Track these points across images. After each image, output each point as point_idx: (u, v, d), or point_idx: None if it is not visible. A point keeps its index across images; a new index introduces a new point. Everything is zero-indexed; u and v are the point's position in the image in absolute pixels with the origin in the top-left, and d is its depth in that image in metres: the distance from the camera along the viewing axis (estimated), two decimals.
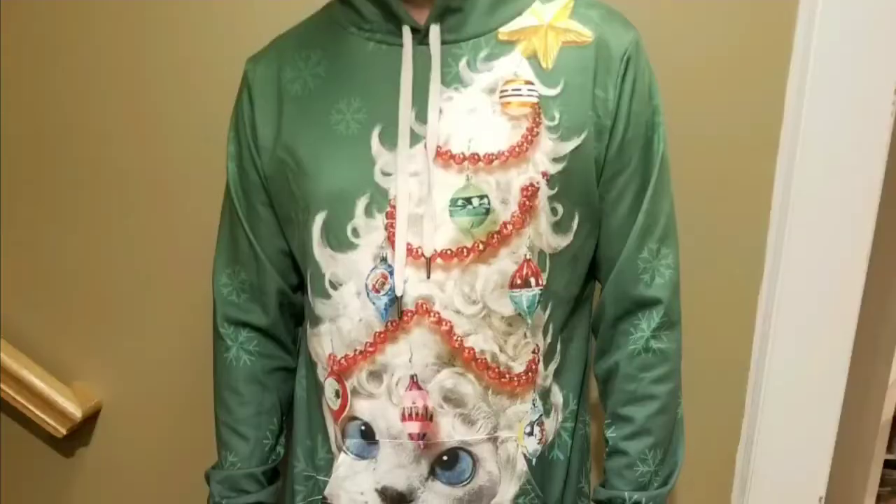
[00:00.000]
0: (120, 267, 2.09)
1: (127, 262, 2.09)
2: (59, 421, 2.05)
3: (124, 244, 2.08)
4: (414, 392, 1.49)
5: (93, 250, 2.09)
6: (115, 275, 2.10)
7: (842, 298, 2.02)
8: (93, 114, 2.04)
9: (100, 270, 2.10)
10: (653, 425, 1.57)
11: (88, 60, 2.02)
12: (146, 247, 2.08)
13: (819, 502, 2.12)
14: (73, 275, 2.10)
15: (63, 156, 2.05)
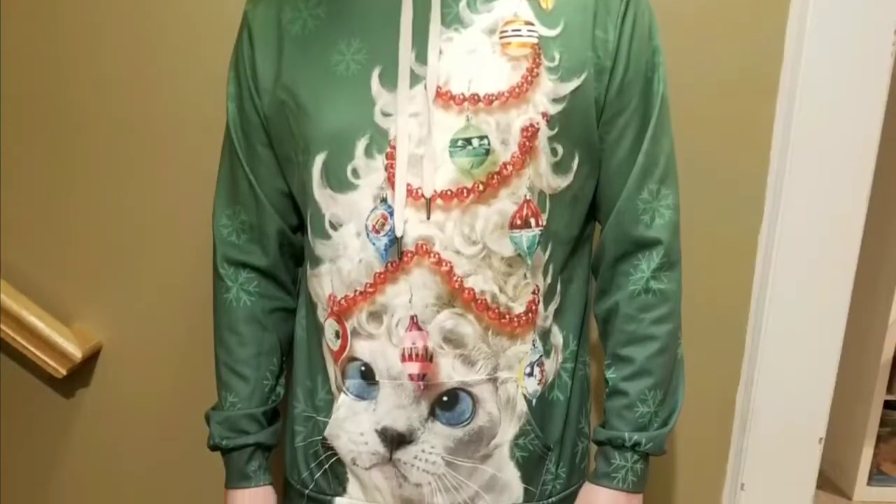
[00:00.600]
0: (120, 207, 2.09)
1: (127, 203, 2.08)
2: (59, 361, 2.05)
3: (124, 185, 2.07)
4: (414, 333, 1.49)
5: (93, 191, 2.08)
6: (115, 216, 2.09)
7: (842, 239, 2.02)
8: (93, 56, 2.02)
9: (100, 211, 2.09)
10: (653, 366, 1.57)
11: (88, 2, 2.00)
12: (146, 187, 2.07)
13: (819, 443, 2.12)
14: (74, 216, 2.09)
15: (63, 98, 2.04)
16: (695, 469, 2.20)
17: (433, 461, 1.55)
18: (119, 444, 2.21)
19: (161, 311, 2.13)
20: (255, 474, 1.73)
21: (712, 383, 2.12)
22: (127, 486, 2.24)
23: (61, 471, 2.23)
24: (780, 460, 2.14)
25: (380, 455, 1.55)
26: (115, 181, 2.07)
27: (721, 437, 2.17)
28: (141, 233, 2.10)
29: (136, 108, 2.04)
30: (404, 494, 1.58)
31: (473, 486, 1.59)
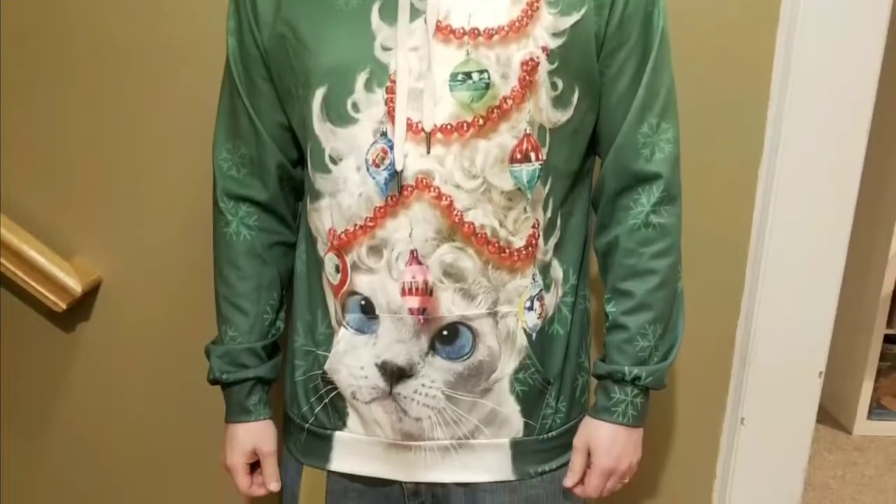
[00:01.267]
0: (120, 141, 2.08)
1: (127, 137, 2.07)
2: (59, 295, 2.06)
3: (124, 119, 2.06)
4: (414, 267, 1.49)
5: (93, 125, 2.07)
6: (115, 149, 2.08)
7: (842, 172, 2.02)
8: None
9: (100, 145, 2.08)
10: (653, 300, 1.58)
11: None
12: (146, 121, 2.06)
13: (819, 377, 2.13)
14: (74, 149, 2.08)
15: (62, 31, 2.02)
16: (694, 403, 2.21)
17: (433, 395, 1.56)
18: (119, 378, 2.22)
19: (161, 246, 2.12)
20: (255, 408, 1.74)
21: (712, 317, 2.12)
22: (126, 420, 2.26)
23: (61, 405, 2.24)
24: (780, 394, 2.15)
25: (380, 389, 1.56)
26: (116, 116, 2.06)
27: (721, 371, 2.18)
28: (141, 167, 2.09)
29: (137, 41, 2.02)
30: (404, 428, 1.59)
31: (473, 419, 1.60)
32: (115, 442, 2.27)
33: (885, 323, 4.66)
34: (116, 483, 2.31)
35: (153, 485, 2.31)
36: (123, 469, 2.30)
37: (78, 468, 2.30)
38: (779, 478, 2.23)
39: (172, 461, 2.29)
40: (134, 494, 2.32)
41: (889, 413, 4.87)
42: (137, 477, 2.31)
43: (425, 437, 1.60)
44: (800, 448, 2.20)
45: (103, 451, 2.28)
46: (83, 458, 2.29)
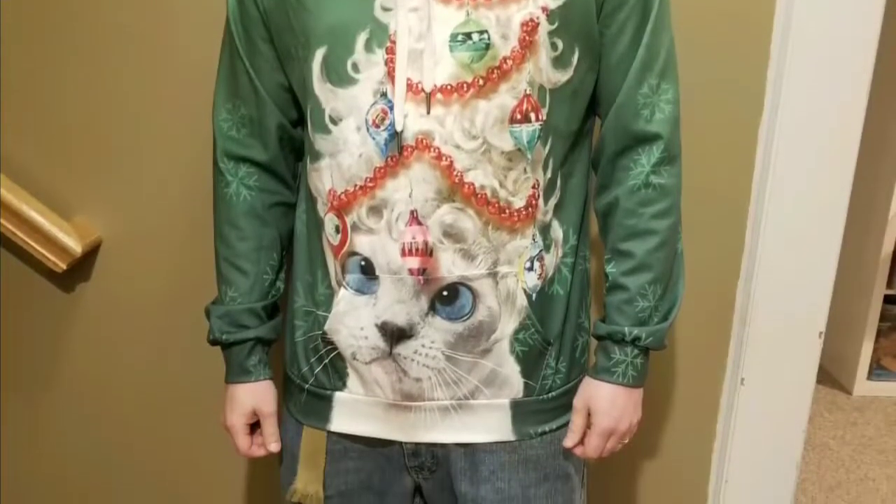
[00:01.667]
0: (120, 101, 2.07)
1: (127, 97, 2.07)
2: (59, 256, 2.05)
3: (125, 77, 2.06)
4: (414, 227, 1.49)
5: (93, 86, 2.06)
6: (116, 109, 2.08)
7: (842, 134, 2.02)
8: None
9: (100, 104, 2.08)
10: (653, 260, 1.58)
11: None
12: (147, 80, 2.06)
13: (819, 337, 2.13)
14: (74, 109, 2.08)
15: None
16: (694, 364, 2.21)
17: (433, 356, 1.56)
18: (119, 338, 2.22)
19: (161, 206, 2.12)
20: (254, 369, 1.74)
21: (712, 278, 2.12)
22: (126, 381, 2.26)
23: (62, 365, 2.25)
24: (780, 355, 2.15)
25: (380, 350, 1.56)
26: (115, 75, 2.06)
27: (721, 331, 2.18)
28: (141, 127, 2.09)
29: (137, 2, 2.02)
30: (404, 389, 1.59)
31: (473, 380, 1.60)
32: (115, 402, 2.28)
33: (885, 283, 4.66)
34: (116, 443, 2.32)
35: (153, 445, 2.32)
36: (123, 429, 2.31)
37: (78, 428, 2.31)
38: (778, 438, 2.24)
39: (172, 421, 2.30)
40: (134, 454, 2.33)
41: (889, 373, 4.88)
42: (137, 437, 2.32)
43: (425, 398, 1.60)
44: (800, 408, 2.21)
45: (103, 410, 2.29)
46: (83, 417, 2.30)
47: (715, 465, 2.31)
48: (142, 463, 2.34)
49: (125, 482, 2.35)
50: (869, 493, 3.92)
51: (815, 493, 3.89)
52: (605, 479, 2.21)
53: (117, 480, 2.36)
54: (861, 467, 4.13)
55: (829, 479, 4.02)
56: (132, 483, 2.36)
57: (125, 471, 2.34)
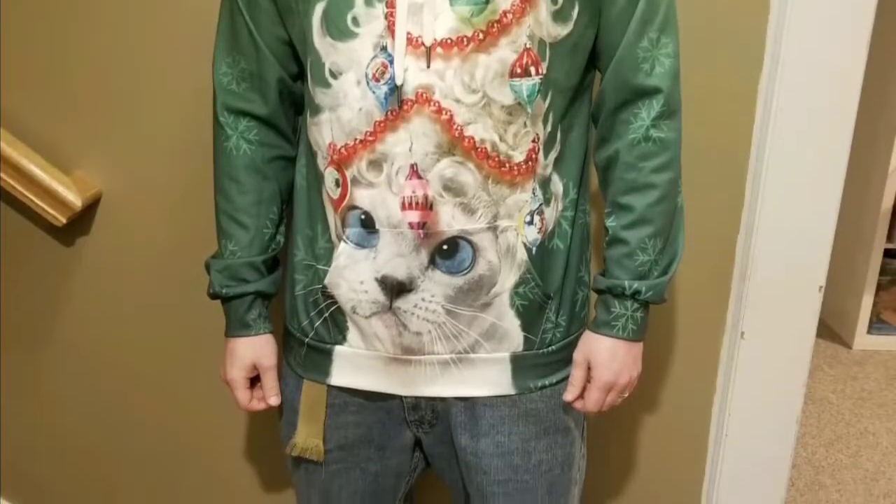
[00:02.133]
0: (120, 54, 2.06)
1: (127, 49, 2.06)
2: (59, 210, 2.06)
3: (124, 31, 2.05)
4: (414, 181, 1.48)
5: (93, 37, 2.06)
6: (116, 62, 2.07)
7: (842, 87, 2.01)
8: None
9: (100, 57, 2.07)
10: (653, 214, 1.58)
11: None
12: (146, 34, 2.05)
13: (819, 291, 2.13)
14: (73, 62, 2.07)
15: None
16: (694, 318, 2.21)
17: (433, 309, 1.56)
18: (119, 292, 2.23)
19: (161, 160, 2.12)
20: (254, 322, 1.75)
21: (712, 232, 2.12)
22: (126, 335, 2.27)
23: (61, 319, 2.25)
24: (780, 309, 2.15)
25: (380, 303, 1.56)
26: (116, 30, 2.05)
27: (721, 285, 2.18)
28: (141, 81, 2.08)
29: None
30: (404, 343, 1.60)
31: (473, 334, 1.61)
32: (115, 356, 2.29)
33: (885, 237, 4.67)
34: (116, 396, 2.33)
35: (153, 399, 2.33)
36: (123, 383, 2.32)
37: (78, 381, 2.32)
38: (779, 392, 2.24)
39: (172, 375, 2.30)
40: (133, 408, 2.34)
41: (889, 327, 4.89)
42: (137, 391, 2.33)
43: (425, 352, 1.61)
44: (800, 362, 2.21)
45: (103, 364, 2.30)
46: (83, 371, 2.31)
47: (715, 418, 2.31)
48: (141, 417, 2.35)
49: (125, 436, 2.37)
50: (869, 446, 3.94)
51: (815, 447, 3.91)
52: (604, 433, 2.22)
53: (117, 434, 2.37)
54: (861, 421, 4.15)
55: (828, 433, 4.04)
56: (132, 437, 2.37)
57: (125, 424, 2.36)
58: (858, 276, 4.78)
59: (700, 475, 2.38)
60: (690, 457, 2.37)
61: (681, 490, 2.41)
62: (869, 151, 4.50)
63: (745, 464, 2.30)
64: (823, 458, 3.83)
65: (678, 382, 2.28)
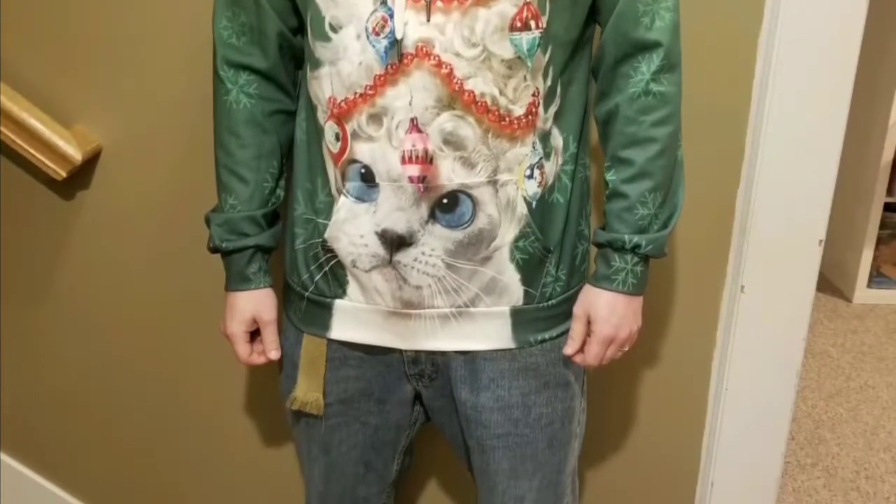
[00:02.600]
0: (120, 8, 2.05)
1: (127, 4, 2.05)
2: (59, 164, 2.05)
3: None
4: (414, 135, 1.48)
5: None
6: (116, 16, 2.06)
7: (842, 41, 2.00)
8: None
9: (100, 11, 2.06)
10: (653, 168, 1.58)
11: None
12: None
13: (819, 245, 2.13)
14: (74, 16, 2.06)
15: None
16: (694, 271, 2.21)
17: (433, 263, 1.56)
18: (118, 246, 2.22)
19: (161, 114, 2.11)
20: (254, 276, 1.75)
21: (712, 186, 2.11)
22: (126, 289, 2.27)
23: (61, 273, 2.25)
24: (780, 263, 2.15)
25: (380, 257, 1.57)
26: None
27: (721, 239, 2.18)
28: (141, 35, 2.07)
29: None
30: (404, 297, 1.60)
31: (473, 288, 1.61)
32: (115, 310, 2.29)
33: (885, 191, 4.67)
34: (116, 351, 2.34)
35: (152, 353, 2.34)
36: (123, 337, 2.32)
37: (77, 336, 2.32)
38: (779, 346, 2.25)
39: (172, 329, 2.31)
40: (133, 362, 2.35)
41: (889, 281, 4.90)
42: (137, 345, 2.33)
43: (425, 306, 1.61)
44: (800, 316, 2.21)
45: (103, 318, 2.30)
46: (83, 325, 2.31)
47: (715, 372, 2.32)
48: (141, 371, 2.36)
49: (125, 390, 2.38)
50: (869, 400, 3.95)
51: (816, 401, 3.93)
52: (604, 387, 2.23)
53: (117, 388, 2.38)
54: (861, 375, 4.17)
55: (828, 387, 4.06)
56: (131, 391, 2.38)
57: (124, 379, 2.36)
58: (858, 230, 4.78)
59: (700, 429, 2.39)
60: (690, 411, 2.38)
61: (681, 444, 2.42)
62: (869, 105, 4.50)
63: (745, 417, 2.31)
64: (823, 412, 3.84)
65: (678, 336, 2.28)
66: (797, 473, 3.39)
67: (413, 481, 2.39)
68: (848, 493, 3.29)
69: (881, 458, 3.52)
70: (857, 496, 3.27)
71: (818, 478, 3.38)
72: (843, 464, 3.48)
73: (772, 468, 2.39)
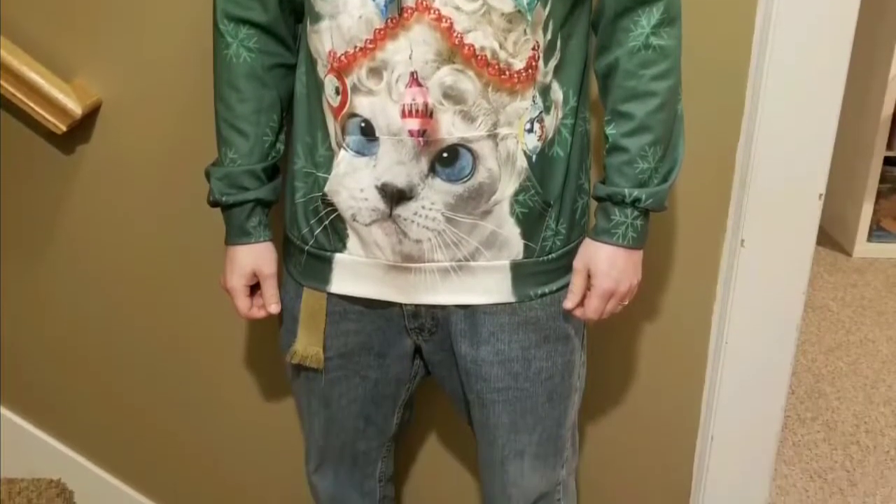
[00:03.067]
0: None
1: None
2: (59, 118, 2.05)
3: None
4: (414, 89, 1.48)
5: None
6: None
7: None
8: None
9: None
10: (653, 122, 1.58)
11: None
12: None
13: (819, 199, 2.13)
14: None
15: None
16: (694, 225, 2.21)
17: (433, 217, 1.57)
18: (119, 200, 2.22)
19: (161, 68, 2.11)
20: (254, 230, 1.76)
21: (712, 139, 2.11)
22: (125, 243, 2.27)
23: (61, 227, 2.25)
24: (780, 216, 2.15)
25: (380, 211, 1.57)
26: None
27: (721, 193, 2.18)
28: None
29: None
30: (404, 250, 1.61)
31: (473, 242, 1.61)
32: (114, 264, 2.29)
33: (885, 145, 4.67)
34: (115, 305, 2.34)
35: (152, 307, 2.34)
36: (122, 291, 2.32)
37: (77, 290, 2.33)
38: (779, 300, 2.25)
39: (172, 283, 2.31)
40: (133, 316, 2.35)
41: (889, 235, 4.90)
42: (136, 299, 2.34)
43: (425, 260, 1.62)
44: (800, 270, 2.22)
45: (102, 272, 2.30)
46: (82, 280, 2.31)
47: (715, 326, 2.32)
48: (141, 325, 2.36)
49: (124, 343, 2.38)
50: (869, 354, 3.97)
51: (815, 355, 3.94)
52: (604, 341, 2.23)
53: (116, 341, 2.38)
54: (861, 329, 4.18)
55: (828, 341, 4.07)
56: (131, 344, 2.38)
57: (124, 332, 2.37)
58: (858, 184, 4.78)
59: (700, 383, 2.40)
60: (690, 365, 2.38)
61: (681, 397, 2.43)
62: (869, 59, 4.49)
63: (744, 371, 2.32)
64: (823, 366, 3.86)
65: (678, 290, 2.29)
66: (797, 427, 3.41)
67: (413, 435, 2.40)
68: (848, 446, 3.31)
69: (881, 412, 3.54)
70: (857, 450, 3.29)
71: (818, 432, 3.40)
72: (842, 418, 3.50)
73: (772, 422, 2.40)
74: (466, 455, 2.46)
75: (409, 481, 2.52)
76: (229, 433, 2.49)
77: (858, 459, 3.23)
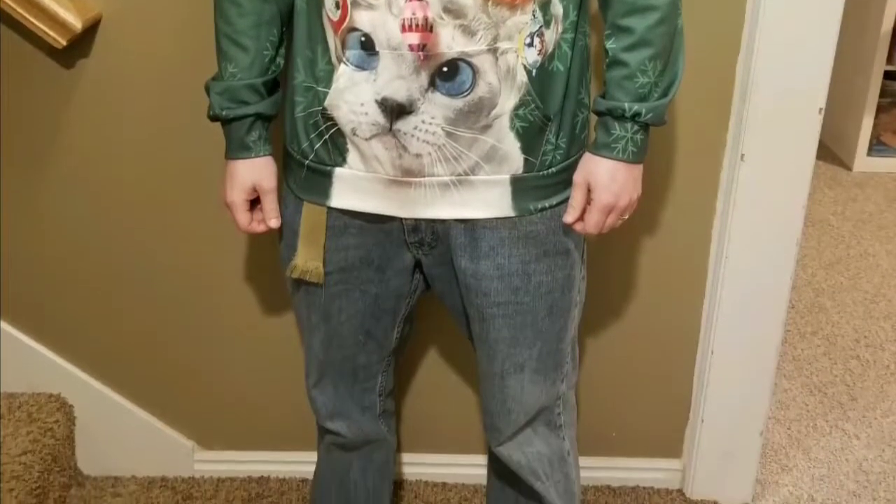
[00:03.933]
0: None
1: None
2: (59, 32, 2.04)
3: None
4: (414, 3, 1.48)
5: None
6: None
7: None
8: None
9: None
10: (653, 36, 1.57)
11: None
12: None
13: (819, 113, 2.13)
14: None
15: None
16: (695, 140, 2.21)
17: (433, 131, 1.57)
18: (119, 114, 2.22)
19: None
20: (254, 144, 1.76)
21: (712, 53, 2.10)
22: (125, 158, 2.28)
23: (61, 141, 2.25)
24: (780, 131, 2.15)
25: (380, 125, 1.57)
26: None
27: (721, 107, 2.18)
28: None
29: None
30: (404, 165, 1.61)
31: (473, 156, 1.61)
32: (115, 178, 2.30)
33: (885, 59, 4.65)
34: (115, 220, 2.35)
35: (152, 222, 2.35)
36: (122, 206, 2.33)
37: (77, 205, 2.33)
38: (779, 214, 2.25)
39: (171, 198, 2.32)
40: (132, 231, 2.37)
41: (888, 149, 4.89)
42: (136, 214, 2.34)
43: (425, 174, 1.62)
44: (800, 184, 2.22)
45: (103, 187, 2.31)
46: (83, 194, 2.32)
47: (715, 241, 2.33)
48: (140, 239, 2.37)
49: (124, 258, 2.40)
50: (869, 268, 3.98)
51: (815, 269, 3.95)
52: (604, 256, 2.24)
53: (116, 257, 2.39)
54: (861, 243, 4.19)
55: (828, 255, 4.08)
56: (131, 259, 2.40)
57: (124, 247, 2.38)
58: (858, 98, 4.77)
59: (700, 298, 2.42)
60: (690, 279, 2.40)
61: (681, 312, 2.44)
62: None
63: (744, 286, 2.33)
64: (823, 280, 3.87)
65: (678, 205, 2.29)
66: (797, 342, 3.43)
67: (413, 349, 2.42)
68: (848, 361, 3.33)
69: (881, 327, 3.55)
70: (857, 364, 3.31)
71: (818, 346, 3.42)
72: (842, 332, 3.52)
73: (772, 336, 2.42)
74: (466, 369, 2.48)
75: (409, 396, 2.55)
76: (229, 348, 2.51)
77: (858, 374, 3.26)
